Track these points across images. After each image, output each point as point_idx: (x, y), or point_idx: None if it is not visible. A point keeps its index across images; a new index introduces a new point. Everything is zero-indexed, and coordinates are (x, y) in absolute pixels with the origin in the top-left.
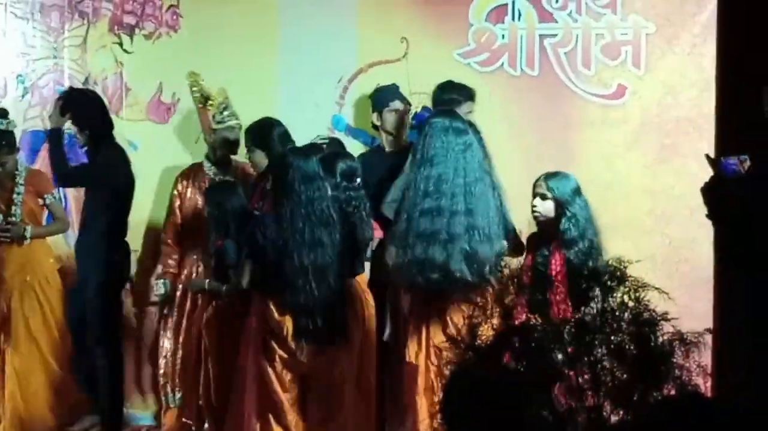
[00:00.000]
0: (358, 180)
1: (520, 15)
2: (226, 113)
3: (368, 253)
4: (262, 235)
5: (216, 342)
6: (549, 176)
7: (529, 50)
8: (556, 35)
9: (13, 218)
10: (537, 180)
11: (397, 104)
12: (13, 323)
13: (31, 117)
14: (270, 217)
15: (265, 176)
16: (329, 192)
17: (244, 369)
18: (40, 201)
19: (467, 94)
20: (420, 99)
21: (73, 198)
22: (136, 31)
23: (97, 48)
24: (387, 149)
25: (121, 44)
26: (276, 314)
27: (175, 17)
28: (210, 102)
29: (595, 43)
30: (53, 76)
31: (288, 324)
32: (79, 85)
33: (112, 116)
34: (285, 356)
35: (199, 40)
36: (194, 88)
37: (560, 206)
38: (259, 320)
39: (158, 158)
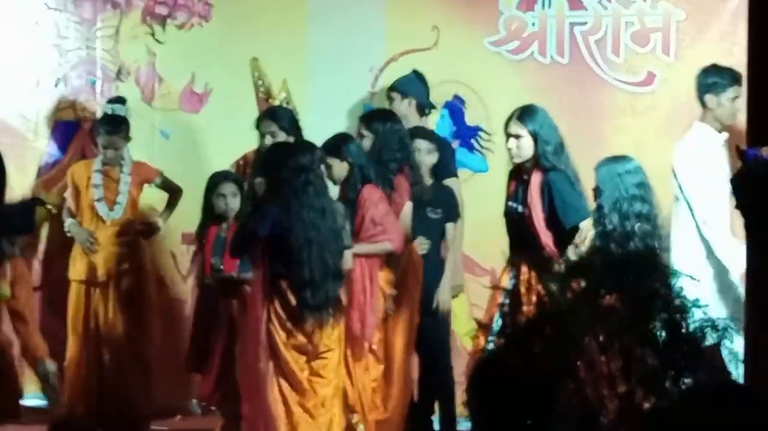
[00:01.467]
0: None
1: (550, 3)
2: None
3: None
4: (268, 222)
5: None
6: (521, 113)
7: (559, 38)
8: (586, 23)
9: (117, 207)
10: (507, 121)
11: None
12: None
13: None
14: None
15: None
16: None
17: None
18: (146, 186)
19: (731, 77)
20: (450, 88)
21: None
22: (168, 21)
23: (129, 38)
24: None
25: (153, 34)
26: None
27: (206, 7)
28: (272, 97)
29: (624, 31)
30: (86, 67)
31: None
32: (112, 75)
33: (145, 105)
34: (284, 335)
35: (231, 29)
36: (256, 74)
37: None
38: (259, 309)
39: (189, 148)
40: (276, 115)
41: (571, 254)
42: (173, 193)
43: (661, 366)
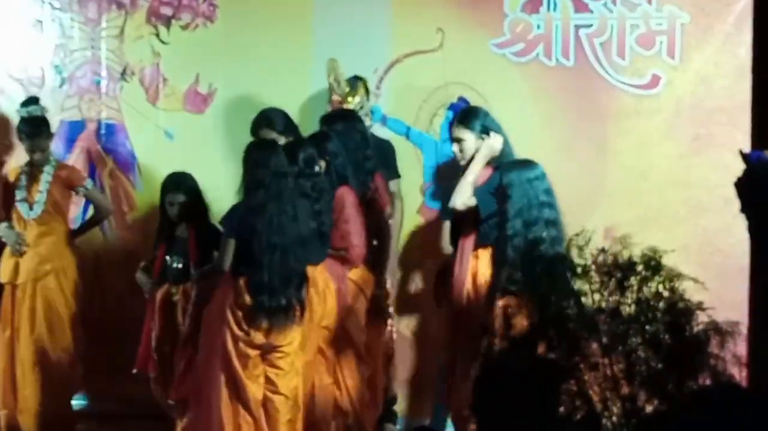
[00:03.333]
0: (317, 168)
1: (555, 5)
2: (362, 111)
3: None
4: (237, 220)
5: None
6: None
7: (564, 40)
8: (591, 25)
9: (36, 206)
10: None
11: None
12: (21, 311)
13: (68, 107)
14: (242, 205)
15: None
16: (291, 183)
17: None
18: (74, 193)
19: None
20: (455, 89)
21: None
22: (173, 21)
23: (134, 38)
24: None
25: (158, 35)
26: (243, 294)
27: (211, 8)
28: (349, 99)
29: (630, 34)
30: (91, 67)
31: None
32: (117, 75)
33: (150, 106)
34: (240, 333)
35: (235, 30)
36: (332, 75)
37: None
38: (223, 301)
39: (193, 148)
40: (270, 120)
41: (575, 256)
42: (97, 211)
43: (664, 369)
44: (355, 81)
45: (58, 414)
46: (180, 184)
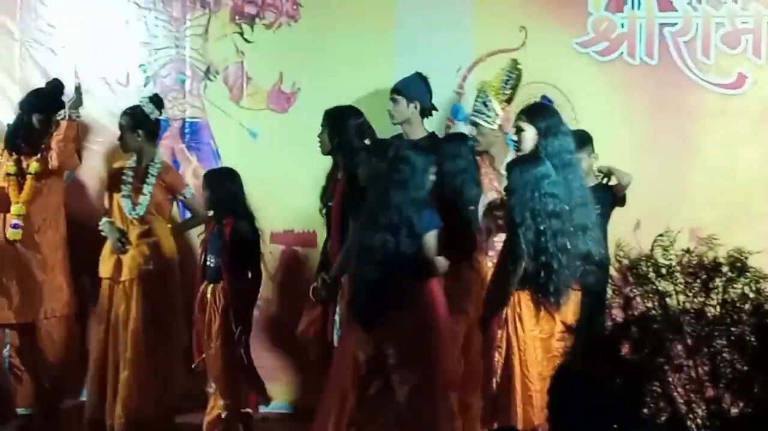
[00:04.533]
0: None
1: (639, 4)
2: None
3: None
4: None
5: None
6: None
7: (648, 39)
8: (675, 24)
9: (139, 207)
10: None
11: None
12: (119, 308)
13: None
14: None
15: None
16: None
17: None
18: (181, 198)
19: None
20: (538, 89)
21: None
22: (257, 20)
23: (218, 37)
24: None
25: (242, 34)
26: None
27: (295, 7)
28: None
29: (715, 32)
30: (175, 66)
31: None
32: (201, 74)
33: (233, 104)
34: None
35: (319, 29)
36: (513, 75)
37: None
38: None
39: (277, 147)
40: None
41: (660, 257)
42: (194, 217)
43: (750, 371)
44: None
45: (154, 413)
46: (210, 180)
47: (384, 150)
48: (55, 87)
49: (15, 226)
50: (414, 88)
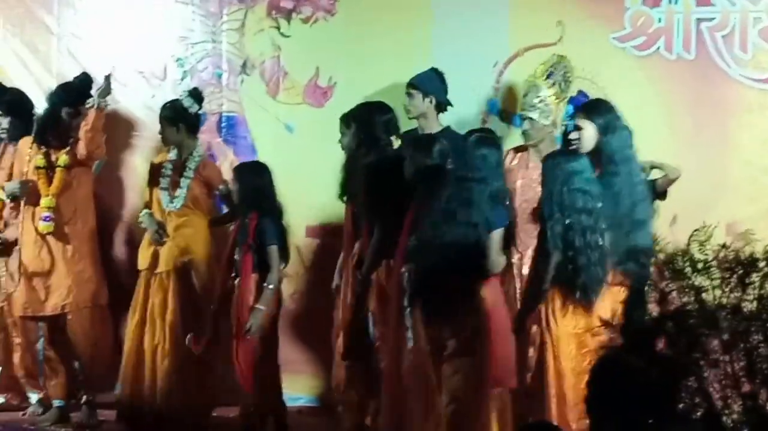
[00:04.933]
0: None
1: None
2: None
3: None
4: None
5: None
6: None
7: (685, 34)
8: (713, 19)
9: (177, 199)
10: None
11: None
12: (155, 300)
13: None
14: None
15: None
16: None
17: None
18: (216, 192)
19: None
20: (575, 83)
21: None
22: (294, 15)
23: (255, 32)
24: None
25: (278, 28)
26: None
27: (331, 1)
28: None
29: (752, 27)
30: (212, 60)
31: None
32: (238, 69)
33: (270, 99)
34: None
35: (355, 24)
36: (563, 71)
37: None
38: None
39: (313, 141)
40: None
41: (696, 251)
42: (232, 212)
43: None
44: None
45: (191, 405)
46: (238, 174)
47: (429, 145)
48: (84, 80)
49: (46, 218)
50: (430, 83)
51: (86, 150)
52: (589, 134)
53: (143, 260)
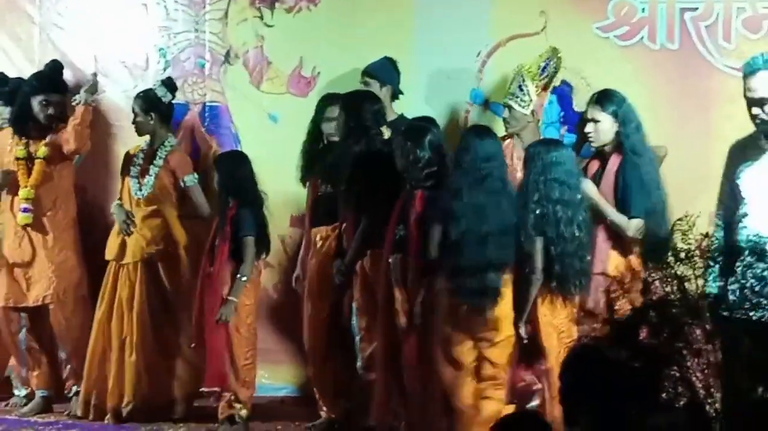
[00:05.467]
0: None
1: None
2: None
3: None
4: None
5: None
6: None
7: (669, 24)
8: (696, 8)
9: (144, 187)
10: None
11: None
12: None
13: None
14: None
15: None
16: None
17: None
18: (181, 183)
19: None
20: (559, 73)
21: None
22: (277, 4)
23: (238, 22)
24: None
25: (261, 17)
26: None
27: None
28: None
29: (736, 17)
30: (194, 50)
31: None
32: (221, 59)
33: (254, 89)
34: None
35: (338, 13)
36: (553, 63)
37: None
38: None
39: (297, 131)
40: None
41: (679, 241)
42: (195, 207)
43: None
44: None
45: (156, 397)
46: (218, 164)
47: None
48: (54, 68)
49: (25, 210)
50: (386, 72)
51: (75, 146)
52: (605, 127)
53: (110, 250)
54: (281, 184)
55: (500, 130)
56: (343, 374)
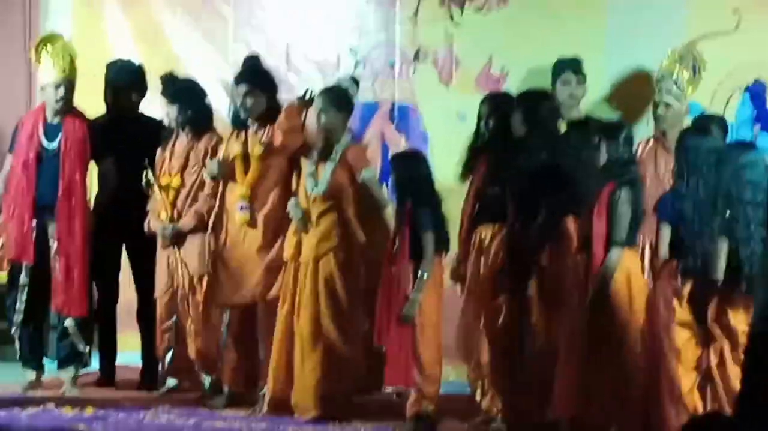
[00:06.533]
0: None
1: None
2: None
3: None
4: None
5: None
6: None
7: None
8: None
9: (320, 183)
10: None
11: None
12: (302, 289)
13: (362, 89)
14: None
15: None
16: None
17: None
18: (358, 178)
19: None
20: (751, 71)
21: None
22: (467, 3)
23: (428, 20)
24: None
25: (451, 17)
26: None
27: None
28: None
29: None
30: (385, 49)
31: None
32: (411, 57)
33: (443, 87)
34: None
35: (529, 13)
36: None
37: None
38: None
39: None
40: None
41: None
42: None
43: None
44: None
45: (335, 393)
46: (393, 163)
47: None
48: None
49: (242, 208)
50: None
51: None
52: None
53: (288, 249)
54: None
55: None
56: (517, 370)
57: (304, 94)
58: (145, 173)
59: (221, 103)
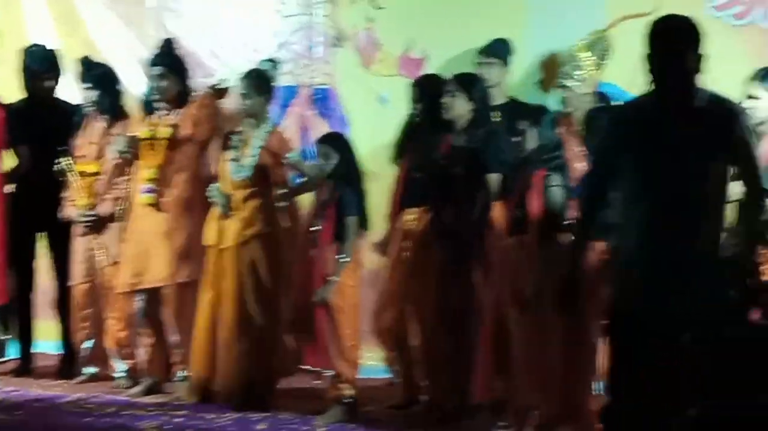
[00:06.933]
0: None
1: None
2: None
3: None
4: None
5: None
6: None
7: None
8: None
9: (244, 169)
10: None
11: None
12: (225, 275)
13: (282, 73)
14: None
15: None
16: None
17: None
18: (283, 161)
19: None
20: None
21: None
22: None
23: (348, 3)
24: None
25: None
26: None
27: None
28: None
29: None
30: (305, 32)
31: None
32: (331, 41)
33: (363, 70)
34: None
35: None
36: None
37: None
38: None
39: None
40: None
41: None
42: (305, 181)
43: None
44: None
45: (259, 381)
46: (316, 144)
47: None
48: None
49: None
50: (506, 53)
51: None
52: (765, 104)
53: (209, 235)
54: (390, 166)
55: None
56: (449, 355)
57: (217, 83)
58: (61, 159)
59: (139, 89)
